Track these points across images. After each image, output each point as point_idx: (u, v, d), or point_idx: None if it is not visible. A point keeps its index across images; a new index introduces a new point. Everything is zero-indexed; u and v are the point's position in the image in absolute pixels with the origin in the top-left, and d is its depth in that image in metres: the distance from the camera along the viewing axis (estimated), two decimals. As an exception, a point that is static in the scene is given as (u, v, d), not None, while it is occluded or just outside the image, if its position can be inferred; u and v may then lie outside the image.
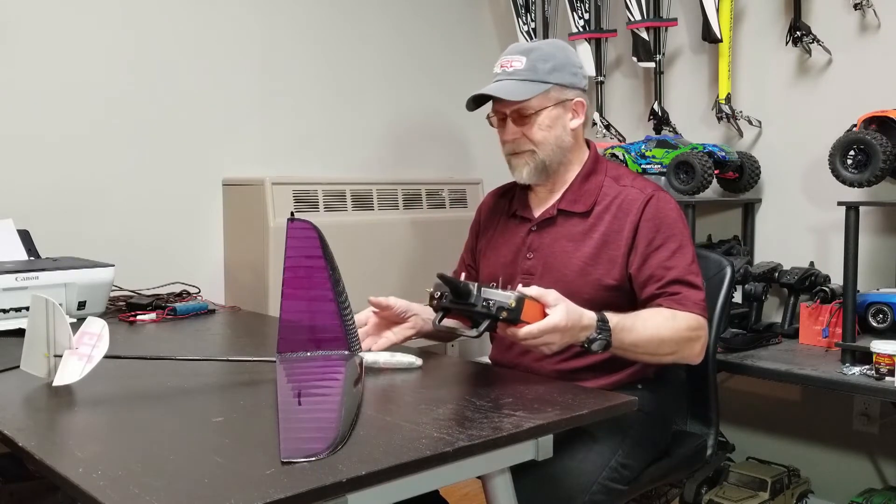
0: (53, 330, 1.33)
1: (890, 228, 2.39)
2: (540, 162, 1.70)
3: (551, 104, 1.68)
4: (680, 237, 1.65)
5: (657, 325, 1.55)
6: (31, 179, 2.26)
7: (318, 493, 0.92)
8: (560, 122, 1.70)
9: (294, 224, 1.52)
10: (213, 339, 1.92)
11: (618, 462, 1.58)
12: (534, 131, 1.68)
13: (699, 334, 1.60)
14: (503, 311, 1.35)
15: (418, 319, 1.66)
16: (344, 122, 2.93)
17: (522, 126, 1.68)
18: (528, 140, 1.69)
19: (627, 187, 1.70)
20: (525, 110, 1.67)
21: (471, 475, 1.15)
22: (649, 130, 2.77)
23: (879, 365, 1.93)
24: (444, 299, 1.42)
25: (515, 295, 1.36)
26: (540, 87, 1.66)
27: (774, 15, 2.59)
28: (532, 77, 1.67)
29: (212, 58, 2.60)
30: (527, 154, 1.70)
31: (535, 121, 1.67)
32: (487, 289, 1.38)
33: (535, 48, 1.70)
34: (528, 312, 1.37)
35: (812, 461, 2.59)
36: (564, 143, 1.71)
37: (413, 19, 3.12)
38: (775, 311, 2.56)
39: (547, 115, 1.68)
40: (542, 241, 1.72)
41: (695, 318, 1.59)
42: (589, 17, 2.91)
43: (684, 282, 1.61)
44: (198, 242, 2.61)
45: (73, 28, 2.32)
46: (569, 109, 1.71)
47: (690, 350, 1.60)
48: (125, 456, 1.05)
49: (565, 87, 1.69)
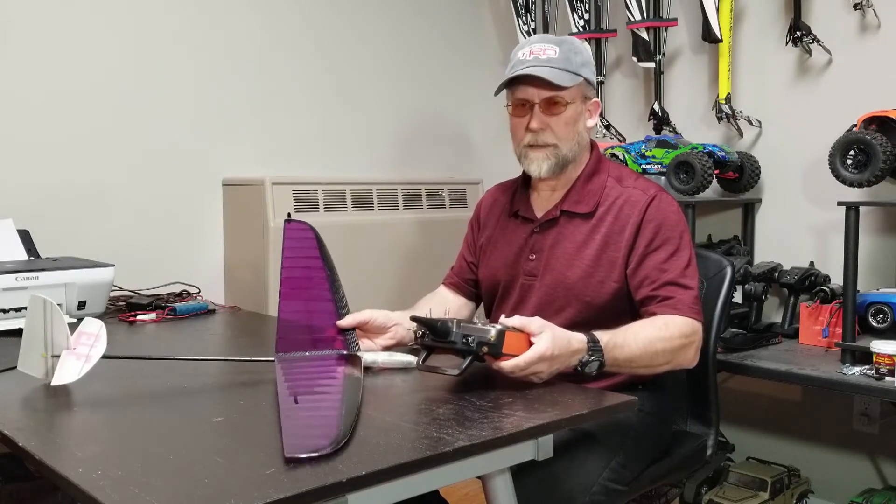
0: (51, 330, 1.33)
1: (890, 228, 2.38)
2: (562, 158, 1.67)
3: (578, 99, 1.67)
4: (678, 240, 1.64)
5: (649, 337, 1.53)
6: (31, 179, 2.26)
7: (318, 493, 0.92)
8: (581, 119, 1.69)
9: (291, 225, 1.52)
10: (213, 339, 1.92)
11: (618, 462, 1.58)
12: (560, 125, 1.65)
13: (692, 339, 1.58)
14: (483, 347, 1.32)
15: (400, 329, 1.61)
16: (344, 122, 2.92)
17: (550, 116, 1.65)
18: (552, 133, 1.65)
19: (630, 188, 1.69)
20: (557, 100, 1.64)
21: (471, 475, 1.14)
22: (649, 130, 2.77)
23: (879, 365, 1.93)
24: (426, 338, 1.38)
25: (496, 328, 1.33)
26: (575, 78, 1.64)
27: (774, 15, 2.59)
28: (567, 67, 1.63)
29: (212, 58, 2.60)
30: (550, 148, 1.66)
31: (564, 114, 1.65)
32: (467, 324, 1.35)
33: (566, 40, 1.68)
34: (510, 344, 1.34)
35: (812, 461, 2.59)
36: (582, 142, 1.70)
37: (413, 19, 3.12)
38: (775, 311, 2.56)
39: (573, 109, 1.66)
40: (545, 242, 1.71)
41: (688, 323, 1.57)
42: (589, 17, 2.91)
43: (678, 284, 1.60)
44: (198, 242, 2.61)
45: (73, 29, 2.32)
46: (587, 107, 1.70)
47: (684, 356, 1.59)
48: (125, 456, 1.05)
49: (590, 84, 1.69)
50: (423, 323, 1.38)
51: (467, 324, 1.35)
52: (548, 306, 1.68)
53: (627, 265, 1.64)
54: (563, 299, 1.67)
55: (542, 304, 1.69)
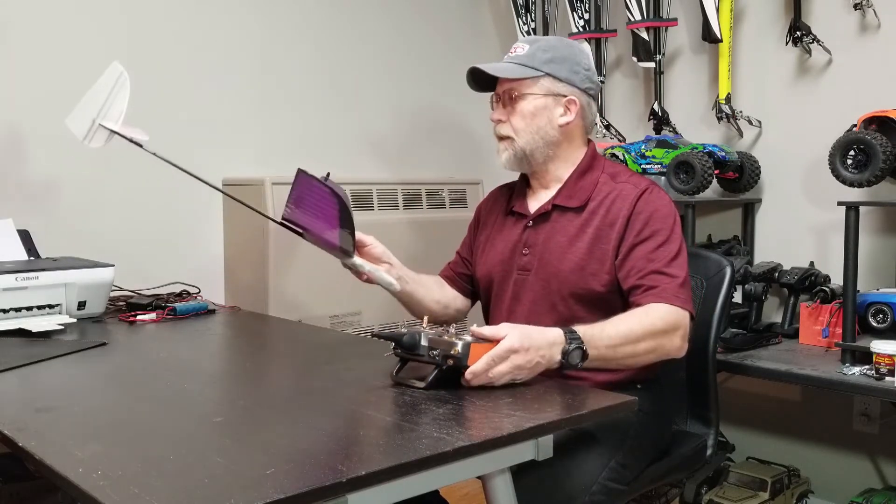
0: (112, 102, 1.38)
1: (890, 228, 2.39)
2: (519, 150, 1.72)
3: (540, 93, 1.70)
4: (668, 231, 1.64)
5: (629, 325, 1.52)
6: (31, 179, 2.26)
7: (318, 493, 0.92)
8: (546, 113, 1.71)
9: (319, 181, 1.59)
10: (213, 338, 1.92)
11: (618, 462, 1.58)
12: (516, 118, 1.71)
13: (676, 326, 1.56)
14: (448, 359, 1.31)
15: (393, 270, 1.74)
16: (344, 121, 2.92)
17: (507, 108, 1.72)
18: (509, 126, 1.72)
19: (622, 183, 1.71)
20: (511, 92, 1.71)
21: (471, 475, 1.14)
22: (649, 130, 2.77)
23: (879, 365, 1.93)
24: (398, 350, 1.38)
25: (462, 341, 1.32)
26: (531, 72, 1.70)
27: (774, 15, 2.59)
28: (527, 63, 1.70)
29: (212, 58, 2.60)
30: (507, 140, 1.73)
31: (519, 106, 1.70)
32: (435, 337, 1.34)
33: (541, 39, 1.76)
34: (476, 356, 1.32)
35: (812, 461, 2.59)
36: (548, 137, 1.72)
37: (413, 19, 3.12)
38: (775, 311, 2.56)
39: (532, 102, 1.70)
40: (538, 236, 1.73)
41: (671, 310, 1.56)
42: (589, 17, 2.91)
43: (663, 273, 1.59)
44: (198, 242, 2.61)
45: (73, 27, 2.32)
46: (560, 104, 1.71)
47: (670, 343, 1.56)
48: (125, 456, 1.05)
49: (559, 80, 1.71)
50: (389, 338, 1.37)
51: (436, 336, 1.34)
52: (542, 301, 1.69)
53: (617, 256, 1.64)
54: (556, 294, 1.67)
55: (537, 299, 1.70)
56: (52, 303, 1.91)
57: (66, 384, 1.45)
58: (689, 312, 1.59)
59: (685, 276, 1.61)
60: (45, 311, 1.90)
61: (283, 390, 1.46)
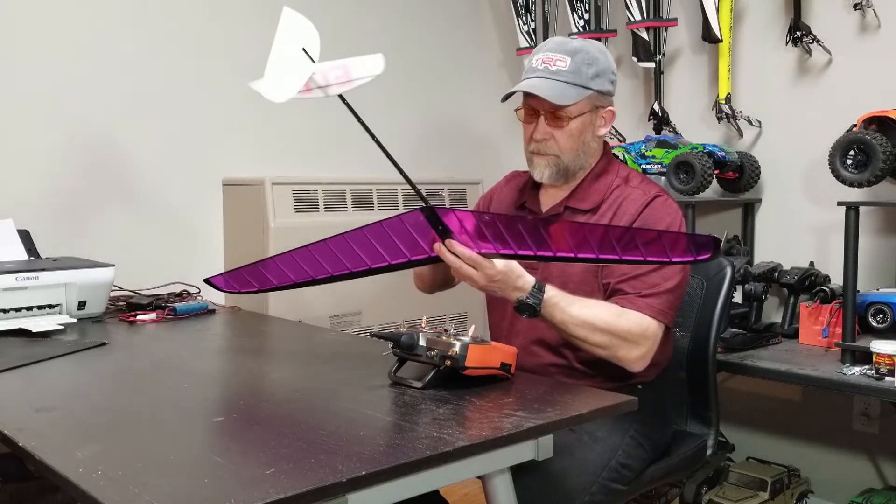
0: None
1: (890, 228, 2.38)
2: (563, 167, 1.69)
3: (587, 110, 1.67)
4: None
5: (597, 313, 1.53)
6: (31, 180, 2.26)
7: (318, 493, 0.92)
8: (590, 128, 1.69)
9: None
10: (213, 339, 1.92)
11: (618, 462, 1.58)
12: (564, 137, 1.66)
13: (640, 341, 1.55)
14: (446, 360, 1.32)
15: None
16: (344, 122, 2.90)
17: (554, 128, 1.66)
18: (555, 144, 1.66)
19: (633, 188, 1.70)
20: (561, 115, 1.64)
21: (471, 475, 1.15)
22: (649, 130, 2.77)
23: (879, 365, 1.93)
24: (397, 349, 1.39)
25: (460, 342, 1.32)
26: (583, 92, 1.64)
27: (774, 15, 2.59)
28: (576, 81, 1.63)
29: (212, 58, 2.60)
30: (551, 157, 1.68)
31: (569, 127, 1.65)
32: (433, 337, 1.34)
33: (581, 49, 1.66)
34: (474, 357, 1.33)
35: (812, 461, 2.59)
36: (590, 150, 1.71)
37: (413, 19, 3.11)
38: (775, 311, 2.56)
39: (579, 122, 1.66)
40: None
41: (643, 322, 1.54)
42: (589, 17, 2.90)
43: (648, 283, 1.57)
44: (198, 242, 2.61)
45: (73, 28, 2.32)
46: (598, 115, 1.70)
47: (626, 352, 1.55)
48: (125, 456, 1.05)
49: (602, 94, 1.68)
50: (387, 338, 1.38)
51: (434, 336, 1.35)
52: None
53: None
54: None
55: None
56: (52, 303, 1.91)
57: (66, 384, 1.45)
58: (664, 324, 1.58)
59: (673, 285, 1.58)
60: (46, 311, 1.90)
61: (283, 390, 1.46)
